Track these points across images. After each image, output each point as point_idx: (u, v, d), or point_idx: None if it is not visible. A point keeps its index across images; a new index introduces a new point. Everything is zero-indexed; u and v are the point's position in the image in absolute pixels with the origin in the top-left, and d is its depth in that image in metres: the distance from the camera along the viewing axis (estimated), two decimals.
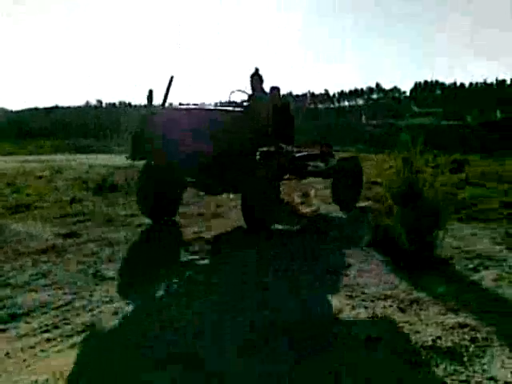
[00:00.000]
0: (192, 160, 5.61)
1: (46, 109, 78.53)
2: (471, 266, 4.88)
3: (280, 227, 6.51)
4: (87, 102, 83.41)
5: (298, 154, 7.34)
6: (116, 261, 4.91)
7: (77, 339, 3.22)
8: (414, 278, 4.45)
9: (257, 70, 6.89)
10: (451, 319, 3.53)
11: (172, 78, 6.38)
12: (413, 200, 5.37)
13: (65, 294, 4.03)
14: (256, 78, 6.86)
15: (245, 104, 6.98)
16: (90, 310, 3.70)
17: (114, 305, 3.80)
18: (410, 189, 5.45)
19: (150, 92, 6.28)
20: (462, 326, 3.42)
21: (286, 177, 7.42)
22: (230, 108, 6.49)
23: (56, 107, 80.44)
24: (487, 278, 4.54)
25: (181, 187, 6.88)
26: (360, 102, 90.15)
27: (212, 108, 6.44)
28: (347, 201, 7.60)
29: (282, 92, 7.28)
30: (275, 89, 7.16)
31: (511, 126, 32.23)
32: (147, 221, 6.65)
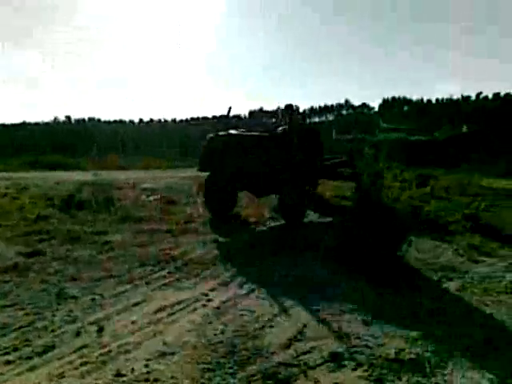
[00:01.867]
0: (245, 171, 7.85)
1: (13, 125, 76.90)
2: (435, 277, 4.98)
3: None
4: (55, 118, 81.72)
5: (327, 163, 9.52)
6: (80, 279, 4.82)
7: (37, 361, 3.15)
8: (380, 290, 4.50)
9: (291, 104, 9.07)
10: (414, 332, 3.58)
11: (230, 108, 9.03)
12: (378, 214, 5.45)
13: (26, 314, 3.93)
14: (289, 108, 8.98)
15: (281, 129, 8.72)
16: (52, 331, 3.61)
17: (77, 324, 3.73)
18: (376, 202, 5.54)
19: (230, 108, 9.06)
20: (425, 337, 3.47)
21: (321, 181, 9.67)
22: (270, 133, 8.50)
23: (23, 123, 78.82)
24: (451, 289, 4.64)
25: (236, 191, 8.75)
26: (330, 117, 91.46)
27: (258, 134, 8.42)
28: None
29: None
30: (290, 107, 9.02)
31: (476, 140, 33.09)
32: (113, 238, 6.58)
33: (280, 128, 8.83)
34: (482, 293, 4.50)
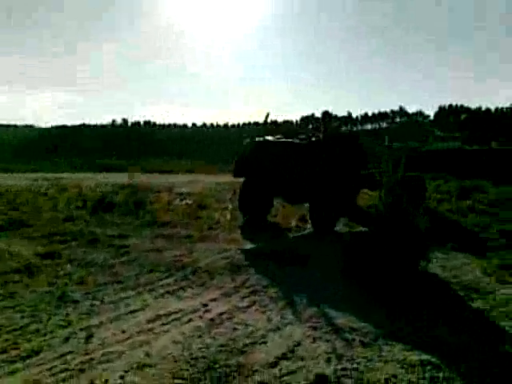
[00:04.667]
0: (278, 178, 7.90)
1: (73, 127, 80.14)
2: (455, 298, 4.64)
3: None
4: (113, 121, 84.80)
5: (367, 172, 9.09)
6: (86, 283, 4.82)
7: (19, 365, 3.12)
8: (390, 311, 4.23)
9: (327, 111, 9.67)
10: (415, 356, 3.30)
11: (268, 113, 9.16)
12: (399, 227, 5.15)
13: (23, 317, 3.94)
14: (327, 117, 9.23)
15: (315, 137, 8.74)
16: (43, 335, 3.59)
17: (69, 330, 3.69)
18: (396, 215, 5.23)
19: (267, 114, 9.16)
20: (423, 363, 3.19)
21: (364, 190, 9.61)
22: (304, 141, 8.41)
23: (83, 125, 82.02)
24: (468, 311, 4.30)
25: (270, 197, 8.90)
26: (384, 124, 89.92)
27: (291, 141, 8.32)
28: None
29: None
30: (326, 113, 9.27)
31: None
32: (131, 242, 6.59)
33: (315, 136, 8.83)
34: (503, 318, 4.13)
